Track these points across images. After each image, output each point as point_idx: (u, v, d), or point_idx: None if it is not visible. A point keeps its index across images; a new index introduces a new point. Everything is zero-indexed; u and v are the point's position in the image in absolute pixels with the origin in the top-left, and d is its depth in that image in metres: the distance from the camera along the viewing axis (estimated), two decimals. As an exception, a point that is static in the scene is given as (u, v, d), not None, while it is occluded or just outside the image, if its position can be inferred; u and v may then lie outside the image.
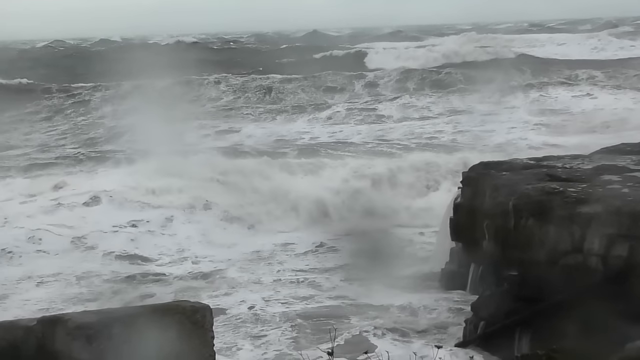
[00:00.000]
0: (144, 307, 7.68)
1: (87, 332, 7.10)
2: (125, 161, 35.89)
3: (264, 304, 20.52)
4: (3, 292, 21.94)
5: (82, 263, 24.34)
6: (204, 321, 7.71)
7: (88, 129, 47.48)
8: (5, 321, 7.69)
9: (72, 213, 27.91)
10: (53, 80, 61.67)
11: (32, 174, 34.07)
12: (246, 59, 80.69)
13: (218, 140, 42.06)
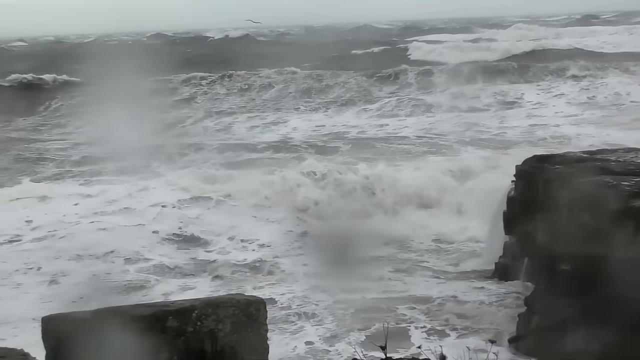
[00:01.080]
0: (198, 300, 7.64)
1: (141, 325, 7.08)
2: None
3: (312, 295, 20.50)
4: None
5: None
6: (258, 314, 7.67)
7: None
8: (60, 314, 7.71)
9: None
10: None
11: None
12: (294, 52, 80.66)
13: (266, 133, 42.12)
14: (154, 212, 27.47)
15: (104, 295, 20.35)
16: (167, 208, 27.84)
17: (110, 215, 27.38)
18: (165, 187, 29.88)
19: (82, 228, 26.25)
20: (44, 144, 41.95)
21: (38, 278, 22.13)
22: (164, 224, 26.50)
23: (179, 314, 7.25)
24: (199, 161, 35.19)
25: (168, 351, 7.12)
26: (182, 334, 7.20)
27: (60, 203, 28.82)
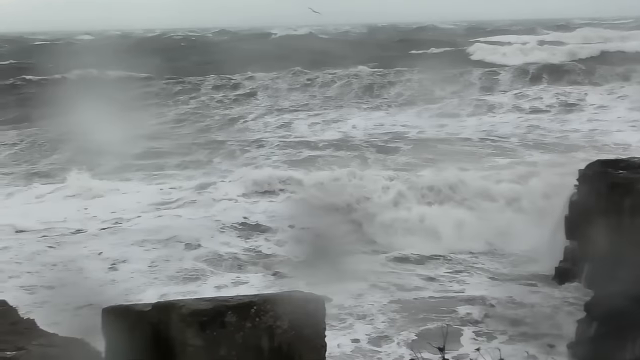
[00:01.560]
0: (257, 296, 7.64)
1: (201, 319, 7.10)
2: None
3: (368, 292, 20.45)
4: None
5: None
6: (316, 312, 7.65)
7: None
8: (121, 305, 7.77)
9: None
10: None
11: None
12: (356, 50, 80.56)
13: (327, 131, 42.10)
14: (218, 206, 27.60)
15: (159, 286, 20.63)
16: (230, 202, 27.94)
17: (173, 209, 27.60)
18: (229, 182, 29.99)
19: (144, 220, 26.50)
20: (108, 137, 42.37)
21: (99, 264, 22.38)
22: (228, 216, 26.60)
23: (238, 309, 7.25)
24: (260, 158, 35.32)
25: (227, 346, 7.14)
26: (240, 329, 7.21)
27: (123, 196, 29.14)
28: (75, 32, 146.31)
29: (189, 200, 28.40)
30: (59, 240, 24.84)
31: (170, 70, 63.36)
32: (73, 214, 27.11)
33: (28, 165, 35.97)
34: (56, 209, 27.76)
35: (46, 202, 28.91)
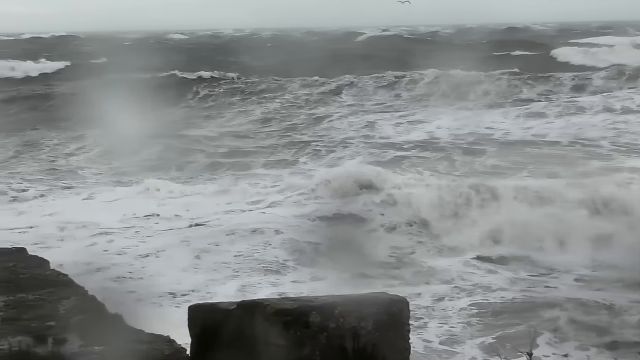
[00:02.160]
0: (341, 296, 7.63)
1: (285, 319, 7.12)
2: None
3: (449, 292, 20.32)
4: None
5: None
6: (400, 314, 7.62)
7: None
8: (207, 303, 7.85)
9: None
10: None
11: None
12: (444, 51, 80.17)
13: (412, 131, 41.91)
14: (308, 207, 27.56)
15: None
16: (319, 204, 27.91)
17: (262, 207, 27.71)
18: (315, 183, 30.02)
19: (230, 218, 26.67)
20: (195, 135, 42.87)
21: (185, 255, 22.60)
22: (317, 215, 26.50)
23: (322, 310, 7.25)
24: (346, 158, 35.34)
25: (310, 346, 7.14)
26: (324, 330, 7.20)
27: (211, 195, 29.38)
28: (166, 32, 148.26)
29: (275, 200, 28.46)
30: (148, 234, 25.17)
31: (257, 69, 63.86)
32: (162, 212, 27.42)
33: (117, 163, 36.51)
34: (145, 206, 28.11)
35: (134, 199, 29.29)
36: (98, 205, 28.59)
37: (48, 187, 31.38)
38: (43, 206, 28.45)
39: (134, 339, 9.29)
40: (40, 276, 11.74)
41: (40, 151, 38.78)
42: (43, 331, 9.47)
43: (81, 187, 31.57)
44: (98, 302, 10.64)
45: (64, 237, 24.66)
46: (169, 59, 65.45)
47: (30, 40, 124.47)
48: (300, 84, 56.85)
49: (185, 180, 32.20)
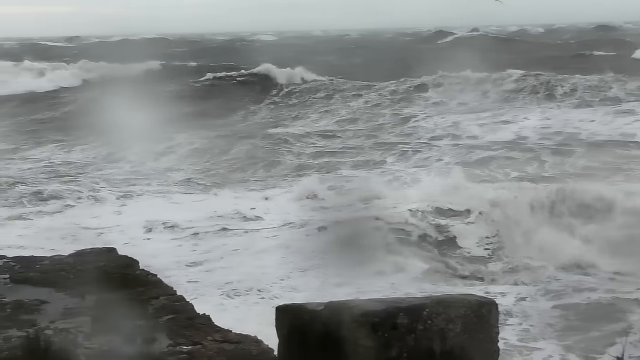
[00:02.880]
0: (430, 298, 7.56)
1: (373, 321, 7.08)
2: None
3: (535, 294, 20.07)
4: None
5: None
6: (489, 316, 7.51)
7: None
8: (294, 304, 7.83)
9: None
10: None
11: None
12: (528, 51, 79.36)
13: (498, 132, 41.47)
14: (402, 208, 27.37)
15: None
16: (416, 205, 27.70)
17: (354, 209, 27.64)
18: (408, 185, 29.89)
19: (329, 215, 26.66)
20: (282, 135, 43.10)
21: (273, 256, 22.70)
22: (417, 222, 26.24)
23: (410, 312, 7.20)
24: (432, 159, 35.15)
25: (398, 347, 7.09)
26: (412, 332, 7.14)
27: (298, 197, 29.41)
28: (254, 33, 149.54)
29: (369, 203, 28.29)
30: (238, 234, 25.35)
31: (344, 69, 63.93)
32: (251, 213, 27.51)
33: (205, 164, 36.81)
34: (231, 207, 28.24)
35: (220, 200, 29.42)
36: (186, 205, 28.87)
37: (137, 187, 31.77)
38: (132, 206, 28.83)
39: (223, 339, 9.35)
40: (130, 276, 11.89)
41: (130, 152, 39.25)
42: (132, 331, 9.58)
43: (170, 188, 31.89)
44: (187, 302, 10.74)
45: (153, 237, 24.98)
46: (257, 59, 65.82)
47: (121, 42, 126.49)
48: (386, 84, 56.74)
49: (274, 181, 32.36)
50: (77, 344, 9.21)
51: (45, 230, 25.38)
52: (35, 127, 47.59)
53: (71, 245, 19.51)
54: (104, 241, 21.98)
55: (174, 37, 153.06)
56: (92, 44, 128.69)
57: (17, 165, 36.58)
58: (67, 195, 30.12)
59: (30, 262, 12.92)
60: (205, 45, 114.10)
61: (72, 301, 10.94)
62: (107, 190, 31.20)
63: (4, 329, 9.85)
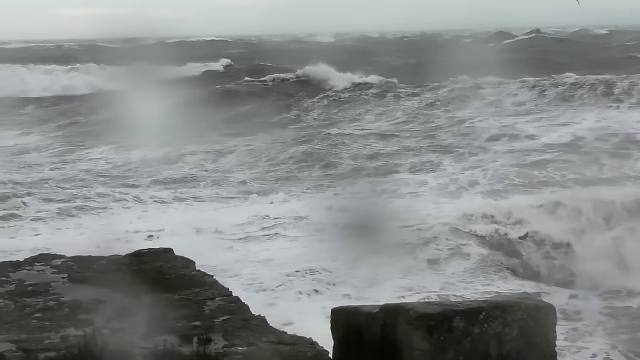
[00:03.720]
0: (486, 301, 7.52)
1: (428, 323, 7.06)
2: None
3: (585, 295, 19.89)
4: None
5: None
6: (546, 320, 7.47)
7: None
8: (350, 306, 7.84)
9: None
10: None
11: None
12: (590, 53, 78.54)
13: (551, 132, 40.96)
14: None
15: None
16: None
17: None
18: (464, 189, 29.73)
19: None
20: (338, 136, 43.14)
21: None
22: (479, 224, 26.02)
23: (466, 315, 7.17)
24: (487, 160, 34.89)
25: (454, 351, 7.06)
26: (468, 335, 7.12)
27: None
28: (312, 34, 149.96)
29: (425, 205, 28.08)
30: (289, 237, 25.33)
31: (400, 71, 63.73)
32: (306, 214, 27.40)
33: (261, 167, 36.84)
34: (292, 209, 28.13)
35: (272, 204, 29.30)
36: (241, 207, 28.92)
37: (193, 189, 31.89)
38: (183, 209, 28.92)
39: (277, 340, 9.37)
40: (185, 276, 11.96)
41: (187, 153, 39.37)
42: (188, 331, 9.63)
43: (225, 189, 31.94)
44: (242, 303, 10.77)
45: (205, 238, 25.06)
46: (314, 60, 65.78)
47: (178, 44, 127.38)
48: (442, 85, 56.43)
49: (329, 183, 32.34)
50: (133, 344, 9.28)
51: (101, 230, 25.62)
52: (90, 128, 48.05)
53: (127, 245, 19.62)
54: (158, 242, 22.12)
55: (231, 39, 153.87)
56: (149, 45, 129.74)
57: (75, 165, 36.93)
58: (122, 195, 30.35)
59: (88, 261, 13.05)
60: (261, 47, 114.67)
61: (129, 301, 11.03)
62: (164, 191, 31.37)
63: (61, 328, 9.96)
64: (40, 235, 25.13)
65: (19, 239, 24.63)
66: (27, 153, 40.71)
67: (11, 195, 29.71)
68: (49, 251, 15.54)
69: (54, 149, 41.75)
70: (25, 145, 43.00)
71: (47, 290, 11.61)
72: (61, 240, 23.38)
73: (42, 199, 29.67)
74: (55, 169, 36.25)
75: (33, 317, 10.41)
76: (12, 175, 33.84)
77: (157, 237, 24.59)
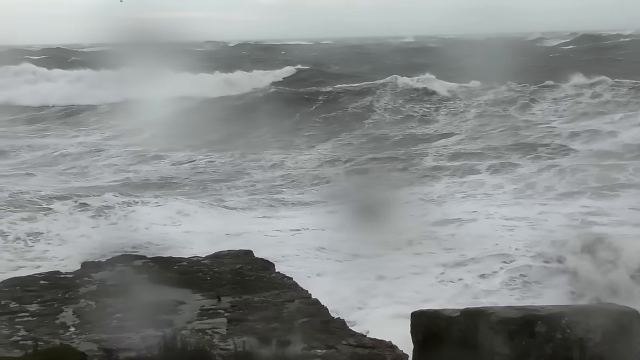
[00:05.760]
0: (569, 307, 7.42)
1: (510, 328, 6.98)
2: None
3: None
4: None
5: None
6: (631, 326, 7.33)
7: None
8: (430, 310, 7.78)
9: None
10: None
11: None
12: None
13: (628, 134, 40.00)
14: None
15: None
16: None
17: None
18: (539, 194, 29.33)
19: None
20: (418, 136, 43.04)
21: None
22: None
23: (548, 320, 7.07)
24: (566, 160, 34.36)
25: (536, 356, 6.97)
26: (550, 340, 7.02)
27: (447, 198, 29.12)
28: (399, 37, 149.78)
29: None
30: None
31: (467, 72, 62.93)
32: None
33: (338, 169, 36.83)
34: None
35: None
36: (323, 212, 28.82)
37: (280, 195, 31.89)
38: (275, 212, 28.90)
39: (357, 344, 9.35)
40: (265, 278, 12.02)
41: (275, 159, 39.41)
42: (267, 333, 9.67)
43: (313, 194, 31.82)
44: (321, 305, 10.77)
45: (287, 240, 25.05)
46: (389, 63, 65.65)
47: (259, 47, 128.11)
48: (518, 86, 55.69)
49: (410, 180, 32.19)
50: (213, 345, 9.34)
51: (186, 231, 25.77)
52: (173, 131, 48.40)
53: (207, 246, 19.69)
54: (239, 243, 22.16)
55: (311, 41, 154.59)
56: (230, 47, 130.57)
57: (163, 166, 37.23)
58: (206, 197, 30.55)
59: (168, 262, 13.20)
60: (341, 50, 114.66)
61: (208, 302, 11.11)
62: (253, 196, 31.40)
63: (142, 328, 10.08)
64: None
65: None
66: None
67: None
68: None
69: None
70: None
71: (127, 290, 11.76)
72: (145, 237, 23.59)
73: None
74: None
75: (114, 317, 10.55)
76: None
77: (243, 237, 24.63)
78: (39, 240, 23.81)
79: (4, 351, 9.52)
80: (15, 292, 11.92)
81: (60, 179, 34.83)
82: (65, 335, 10.09)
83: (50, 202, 27.48)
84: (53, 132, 50.62)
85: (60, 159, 39.96)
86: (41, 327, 10.37)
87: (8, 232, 24.20)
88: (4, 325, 10.49)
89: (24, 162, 39.38)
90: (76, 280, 12.32)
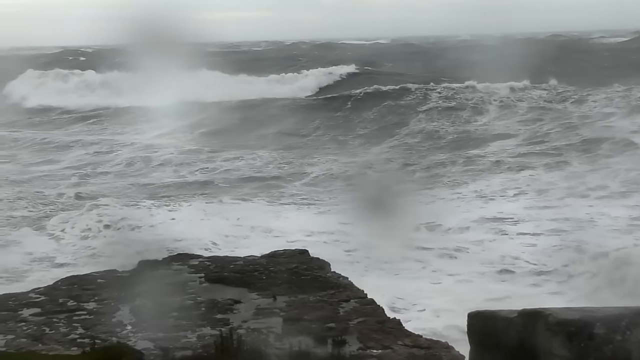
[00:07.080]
0: (628, 308, 7.29)
1: (568, 329, 6.88)
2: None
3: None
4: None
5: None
6: (691, 328, 7.17)
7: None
8: (487, 311, 7.72)
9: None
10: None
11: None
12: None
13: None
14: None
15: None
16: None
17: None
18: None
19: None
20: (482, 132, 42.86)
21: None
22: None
23: (607, 321, 6.96)
24: (625, 161, 33.83)
25: (595, 358, 6.87)
26: (609, 342, 6.90)
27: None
28: (450, 36, 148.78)
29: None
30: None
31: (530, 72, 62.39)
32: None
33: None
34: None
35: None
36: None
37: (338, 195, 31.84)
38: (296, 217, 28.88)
39: (412, 344, 9.30)
40: (321, 278, 12.01)
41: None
42: (323, 332, 9.66)
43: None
44: (377, 305, 10.73)
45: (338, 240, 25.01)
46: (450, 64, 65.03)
47: (315, 47, 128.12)
48: (576, 90, 55.16)
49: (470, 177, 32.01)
50: (268, 344, 9.35)
51: (239, 230, 25.83)
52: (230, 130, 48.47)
53: (262, 245, 19.72)
54: (294, 243, 22.12)
55: (368, 41, 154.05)
56: (287, 46, 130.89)
57: (210, 166, 37.38)
58: (251, 198, 30.65)
59: (225, 262, 13.25)
60: (395, 49, 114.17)
61: (264, 301, 11.14)
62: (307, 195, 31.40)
63: (198, 327, 10.12)
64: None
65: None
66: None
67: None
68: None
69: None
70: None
71: (184, 289, 11.82)
72: (201, 234, 23.67)
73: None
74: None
75: (170, 316, 10.61)
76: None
77: (296, 237, 24.65)
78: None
79: (62, 349, 9.62)
80: (73, 290, 12.04)
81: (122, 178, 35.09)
82: (122, 333, 10.17)
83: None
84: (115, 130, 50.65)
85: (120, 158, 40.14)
86: (98, 325, 10.47)
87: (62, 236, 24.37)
88: (62, 324, 10.60)
89: (80, 159, 39.62)
90: (133, 278, 12.40)
